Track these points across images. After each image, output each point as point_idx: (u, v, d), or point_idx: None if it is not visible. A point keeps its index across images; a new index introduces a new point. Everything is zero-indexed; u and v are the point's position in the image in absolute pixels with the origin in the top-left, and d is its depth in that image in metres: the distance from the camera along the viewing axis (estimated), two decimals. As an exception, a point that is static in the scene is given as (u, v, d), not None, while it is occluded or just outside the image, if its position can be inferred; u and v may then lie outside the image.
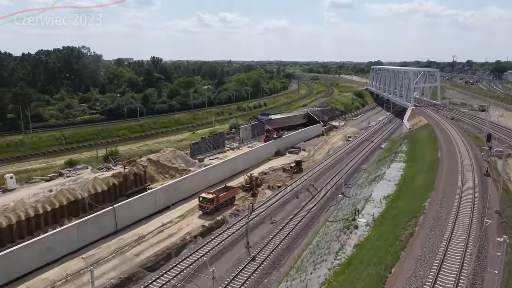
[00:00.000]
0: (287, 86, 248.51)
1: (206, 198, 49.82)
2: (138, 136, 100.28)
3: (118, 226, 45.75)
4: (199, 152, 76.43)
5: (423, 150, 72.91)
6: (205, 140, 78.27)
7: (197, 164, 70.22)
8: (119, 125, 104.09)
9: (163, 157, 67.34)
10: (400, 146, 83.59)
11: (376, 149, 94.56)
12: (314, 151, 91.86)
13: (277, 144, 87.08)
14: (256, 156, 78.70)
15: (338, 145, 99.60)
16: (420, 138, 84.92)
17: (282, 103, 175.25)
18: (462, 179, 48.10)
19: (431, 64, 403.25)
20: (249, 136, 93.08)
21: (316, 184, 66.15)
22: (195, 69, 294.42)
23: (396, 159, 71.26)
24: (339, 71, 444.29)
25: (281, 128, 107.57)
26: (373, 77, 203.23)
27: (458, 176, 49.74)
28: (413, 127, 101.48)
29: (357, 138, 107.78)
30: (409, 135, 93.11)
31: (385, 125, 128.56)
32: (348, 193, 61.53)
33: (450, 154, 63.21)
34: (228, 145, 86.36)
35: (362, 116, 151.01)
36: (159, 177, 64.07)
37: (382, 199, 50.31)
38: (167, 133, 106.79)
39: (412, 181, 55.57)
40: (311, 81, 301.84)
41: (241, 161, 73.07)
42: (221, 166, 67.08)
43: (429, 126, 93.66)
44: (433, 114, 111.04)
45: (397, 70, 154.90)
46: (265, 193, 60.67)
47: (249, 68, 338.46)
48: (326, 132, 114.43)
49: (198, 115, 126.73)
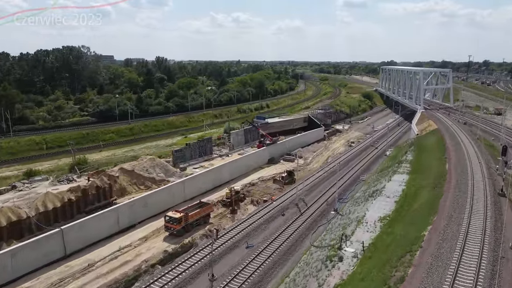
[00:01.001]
0: (293, 87, 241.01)
1: (172, 218, 43.45)
2: (126, 141, 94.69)
3: (68, 250, 39.79)
4: (183, 160, 70.17)
5: (430, 160, 65.16)
6: (189, 147, 71.94)
7: (177, 174, 63.99)
8: (106, 129, 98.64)
9: (139, 166, 61.28)
10: (405, 154, 75.82)
11: (380, 157, 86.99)
12: (311, 159, 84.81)
13: (271, 151, 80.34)
14: (246, 164, 72.13)
15: (339, 152, 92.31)
16: (428, 145, 77.03)
17: (286, 104, 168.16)
18: (471, 200, 40.62)
19: (446, 64, 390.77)
20: (241, 142, 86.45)
21: (307, 198, 59.27)
22: (202, 69, 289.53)
23: (399, 170, 63.73)
24: (350, 71, 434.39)
25: (278, 132, 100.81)
26: (382, 77, 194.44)
27: (467, 195, 42.24)
28: (421, 132, 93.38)
29: (361, 143, 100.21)
30: (416, 141, 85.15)
31: (392, 129, 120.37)
32: (342, 209, 54.50)
33: (459, 166, 55.48)
34: (218, 151, 79.89)
35: (369, 119, 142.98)
36: (133, 188, 58.01)
37: (377, 221, 43.13)
38: (158, 137, 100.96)
39: (413, 199, 48.17)
40: (320, 82, 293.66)
41: (228, 170, 66.59)
42: (202, 177, 60.71)
43: (438, 131, 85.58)
44: (444, 118, 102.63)
45: (407, 70, 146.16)
46: (247, 209, 54.02)
47: (257, 68, 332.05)
48: (327, 137, 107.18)
49: (193, 117, 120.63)
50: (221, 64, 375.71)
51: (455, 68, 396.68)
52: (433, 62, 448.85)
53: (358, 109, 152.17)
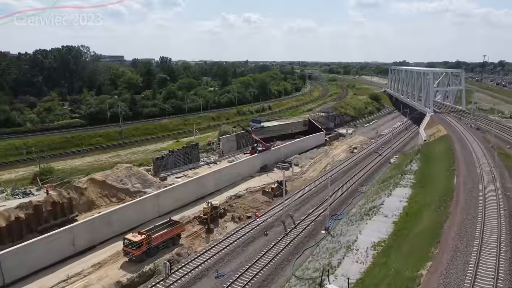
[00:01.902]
0: (299, 88, 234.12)
1: (131, 242, 37.70)
2: (113, 145, 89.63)
3: (7, 279, 34.32)
4: (165, 168, 64.57)
5: (437, 171, 58.32)
6: (173, 154, 66.25)
7: (156, 185, 58.38)
8: (94, 132, 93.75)
9: (113, 176, 55.83)
10: (410, 163, 69.06)
11: (384, 164, 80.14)
12: (308, 166, 78.42)
13: (264, 158, 74.25)
14: (235, 173, 66.12)
15: (339, 159, 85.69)
16: (436, 153, 70.03)
17: (289, 106, 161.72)
18: (482, 227, 33.96)
19: (460, 65, 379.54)
20: (233, 148, 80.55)
21: (297, 213, 53.09)
22: (207, 69, 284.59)
23: (402, 182, 57.12)
24: (360, 72, 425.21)
25: (276, 137, 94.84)
26: (391, 78, 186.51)
27: (477, 221, 35.58)
28: (429, 138, 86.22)
29: (364, 149, 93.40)
30: (423, 148, 78.13)
31: (399, 134, 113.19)
32: (334, 228, 48.22)
33: (469, 181, 48.63)
34: (206, 159, 74.08)
35: (376, 122, 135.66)
36: (103, 201, 52.56)
37: (370, 248, 36.89)
38: (148, 141, 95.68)
39: (414, 220, 41.66)
40: (328, 83, 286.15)
41: (212, 181, 60.71)
42: (182, 188, 54.94)
43: (448, 138, 78.38)
44: (455, 122, 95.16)
45: (416, 71, 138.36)
46: (226, 227, 48.02)
47: (263, 69, 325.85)
48: (329, 142, 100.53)
49: (189, 120, 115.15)
50: (229, 65, 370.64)
51: (469, 69, 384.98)
52: (447, 62, 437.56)
53: (364, 111, 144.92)
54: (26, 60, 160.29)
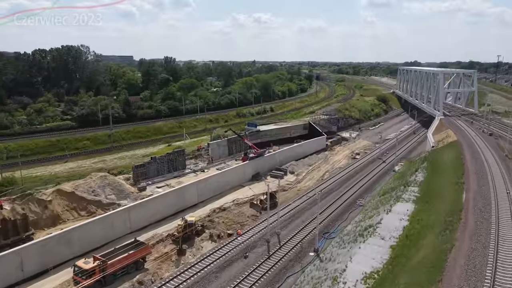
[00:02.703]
0: (305, 89, 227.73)
1: (81, 269, 32.67)
2: (101, 149, 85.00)
3: None
4: (146, 177, 59.59)
5: (444, 184, 52.22)
6: (155, 161, 61.20)
7: (133, 196, 53.43)
8: (82, 135, 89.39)
9: (84, 186, 51.04)
10: (415, 172, 62.98)
11: (388, 173, 74.08)
12: (305, 174, 72.73)
13: (255, 165, 68.80)
14: (222, 182, 60.80)
15: (340, 166, 79.80)
16: (443, 163, 63.75)
17: (293, 108, 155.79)
18: (494, 262, 28.09)
19: (473, 65, 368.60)
20: (224, 154, 75.26)
21: (285, 230, 47.66)
22: (213, 69, 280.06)
23: (404, 196, 51.17)
24: (369, 72, 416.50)
25: (273, 142, 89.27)
26: (400, 79, 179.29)
27: (489, 252, 29.77)
28: (437, 144, 79.77)
29: (367, 155, 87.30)
30: (430, 155, 71.84)
31: (406, 138, 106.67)
32: (325, 249, 42.66)
33: (480, 198, 42.60)
34: (193, 166, 68.90)
35: (382, 125, 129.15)
36: (71, 215, 47.78)
37: (360, 281, 31.28)
38: (139, 145, 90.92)
39: (415, 245, 35.87)
40: (336, 83, 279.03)
41: (195, 191, 55.53)
42: (159, 201, 49.85)
43: (458, 144, 71.96)
44: (466, 127, 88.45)
45: (426, 71, 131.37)
46: (202, 247, 42.71)
47: (270, 69, 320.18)
48: (330, 147, 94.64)
49: (185, 122, 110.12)
50: (236, 65, 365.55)
51: (483, 69, 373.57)
52: (460, 62, 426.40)
53: (370, 113, 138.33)
54: (24, 60, 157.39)
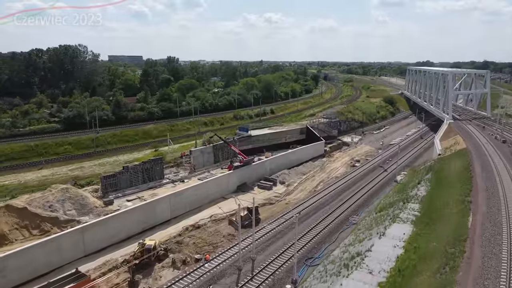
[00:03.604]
0: (310, 90, 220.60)
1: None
2: (83, 154, 79.82)
3: None
4: (116, 188, 54.07)
5: (448, 201, 45.48)
6: (127, 171, 55.60)
7: (96, 211, 47.94)
8: (63, 139, 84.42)
9: (40, 201, 45.73)
10: (417, 185, 56.30)
11: (389, 183, 67.52)
12: (297, 185, 66.53)
13: (241, 175, 62.84)
14: (202, 194, 55.06)
15: (337, 174, 73.39)
16: (450, 174, 56.83)
17: (295, 110, 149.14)
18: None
19: (488, 65, 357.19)
20: (209, 161, 69.41)
21: (262, 254, 41.59)
22: (217, 69, 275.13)
23: (402, 215, 44.66)
24: (379, 72, 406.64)
25: (266, 147, 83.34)
26: (408, 80, 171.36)
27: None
28: (445, 152, 72.69)
29: (368, 162, 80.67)
30: (436, 165, 64.91)
31: (412, 144, 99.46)
32: (304, 281, 36.51)
33: (490, 223, 35.96)
34: (172, 175, 63.17)
35: (388, 128, 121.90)
36: (20, 234, 42.45)
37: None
38: (124, 150, 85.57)
39: (407, 284, 29.46)
40: (344, 84, 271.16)
41: (167, 206, 49.87)
42: (123, 218, 44.27)
43: (467, 153, 64.83)
44: (476, 132, 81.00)
45: (434, 71, 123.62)
46: (161, 276, 36.85)
47: (276, 69, 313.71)
48: (329, 153, 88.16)
49: (177, 125, 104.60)
50: (243, 65, 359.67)
51: (498, 69, 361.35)
52: (474, 62, 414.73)
53: (375, 116, 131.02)
54: (20, 60, 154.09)
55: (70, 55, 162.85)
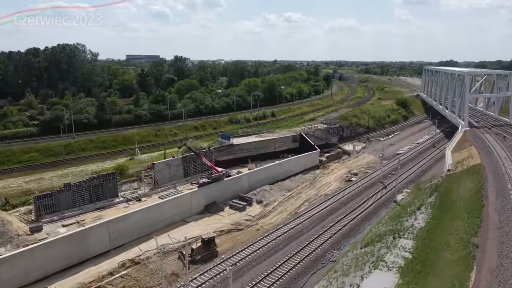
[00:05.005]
0: (320, 91, 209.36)
1: None
2: (47, 163, 72.26)
3: None
4: (54, 210, 46.09)
5: (449, 241, 35.28)
6: (69, 189, 47.50)
7: (16, 241, 40.00)
8: (30, 146, 77.64)
9: None
10: (416, 211, 46.14)
11: (387, 204, 57.38)
12: (277, 205, 57.23)
13: (210, 193, 54.03)
14: (155, 218, 46.55)
15: (327, 191, 63.72)
16: (456, 200, 46.23)
17: (299, 112, 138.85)
18: None
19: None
20: (177, 175, 60.78)
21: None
22: (227, 69, 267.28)
23: (389, 257, 34.80)
24: (398, 72, 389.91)
25: (251, 157, 74.36)
26: (425, 80, 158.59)
27: None
28: (455, 167, 61.73)
29: (368, 176, 70.63)
30: (443, 184, 54.26)
31: (421, 153, 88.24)
32: None
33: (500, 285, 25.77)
34: (129, 192, 54.77)
35: (397, 134, 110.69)
36: None
37: None
38: (96, 158, 77.91)
39: None
40: (358, 84, 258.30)
41: (104, 235, 41.61)
42: (38, 252, 36.08)
43: (480, 171, 53.81)
44: (495, 144, 69.39)
45: (451, 72, 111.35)
46: None
47: (288, 69, 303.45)
48: (325, 163, 78.43)
49: (163, 130, 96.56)
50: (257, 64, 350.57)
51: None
52: (500, 61, 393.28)
53: (385, 121, 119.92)
54: (16, 60, 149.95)
55: (67, 54, 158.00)
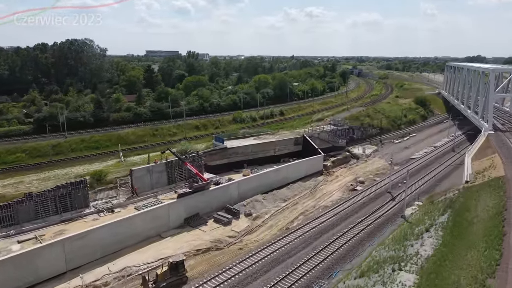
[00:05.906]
0: (335, 88, 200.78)
1: None
2: (32, 165, 68.07)
3: None
4: (12, 223, 41.53)
5: (460, 280, 28.46)
6: (30, 200, 42.81)
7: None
8: (17, 146, 74.16)
9: None
10: (425, 233, 39.36)
11: (393, 219, 50.58)
12: (268, 218, 51.29)
13: (192, 204, 48.53)
14: (124, 233, 41.39)
15: (328, 202, 57.26)
16: (473, 221, 39.01)
17: (310, 111, 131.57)
18: None
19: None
20: (160, 183, 55.49)
21: None
22: (242, 65, 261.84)
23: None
24: (421, 68, 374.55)
25: (248, 162, 68.53)
26: (447, 77, 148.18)
27: None
28: (475, 178, 54.02)
29: (376, 184, 63.70)
30: (458, 200, 46.97)
31: (438, 159, 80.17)
32: None
33: None
34: (102, 202, 49.77)
35: (414, 136, 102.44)
36: None
37: None
38: (85, 159, 73.28)
39: None
40: (378, 81, 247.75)
41: (60, 254, 36.63)
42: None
43: (504, 185, 46.07)
44: (523, 151, 61.00)
45: (474, 68, 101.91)
46: None
47: (304, 64, 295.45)
48: (330, 169, 71.78)
49: (162, 129, 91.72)
50: (274, 60, 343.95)
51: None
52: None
53: (401, 121, 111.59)
54: (23, 55, 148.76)
55: (75, 50, 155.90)
